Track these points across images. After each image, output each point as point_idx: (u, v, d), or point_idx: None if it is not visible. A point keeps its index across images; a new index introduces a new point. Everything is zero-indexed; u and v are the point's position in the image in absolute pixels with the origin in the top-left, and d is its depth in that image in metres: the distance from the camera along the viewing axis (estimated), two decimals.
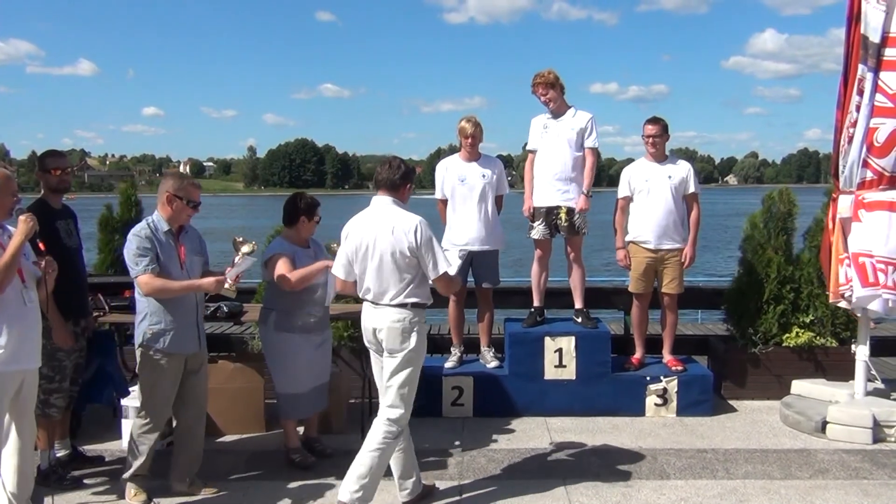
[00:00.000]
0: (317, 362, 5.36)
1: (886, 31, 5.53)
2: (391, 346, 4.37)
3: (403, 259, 4.30)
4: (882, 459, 5.35)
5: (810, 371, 6.65)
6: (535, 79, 6.36)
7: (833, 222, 5.89)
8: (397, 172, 4.46)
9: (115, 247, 7.06)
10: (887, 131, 5.55)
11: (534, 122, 6.56)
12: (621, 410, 6.26)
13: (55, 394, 4.87)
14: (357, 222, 4.52)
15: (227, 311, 5.82)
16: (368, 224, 4.43)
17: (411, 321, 4.37)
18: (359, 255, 4.43)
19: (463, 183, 6.26)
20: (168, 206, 4.62)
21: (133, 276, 4.53)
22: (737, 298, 6.88)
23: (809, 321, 6.73)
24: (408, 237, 4.28)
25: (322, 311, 5.32)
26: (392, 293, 4.35)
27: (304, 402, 5.32)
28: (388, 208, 4.43)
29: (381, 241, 4.33)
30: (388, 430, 4.39)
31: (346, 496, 4.32)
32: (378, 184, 4.50)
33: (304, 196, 5.39)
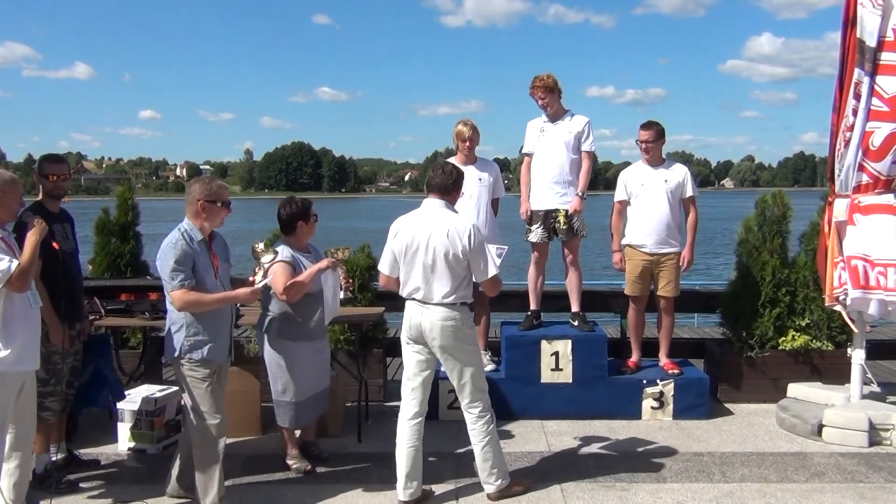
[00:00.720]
0: (318, 367, 5.34)
1: (882, 36, 5.55)
2: (445, 344, 4.56)
3: (456, 261, 4.47)
4: (878, 463, 5.35)
5: (806, 374, 6.66)
6: (535, 82, 6.36)
7: (829, 226, 5.91)
8: (450, 178, 4.63)
9: (111, 250, 7.05)
10: (883, 135, 5.56)
11: (530, 125, 6.57)
12: (618, 414, 6.26)
13: (50, 397, 4.86)
14: (407, 222, 4.65)
15: None
16: (420, 224, 4.57)
17: (461, 319, 4.57)
18: (408, 254, 4.56)
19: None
20: (203, 212, 4.52)
21: (168, 290, 4.38)
22: (733, 302, 6.89)
23: (805, 324, 6.73)
24: (462, 240, 4.44)
25: (322, 315, 5.29)
26: (443, 293, 4.51)
27: (304, 410, 5.28)
28: (440, 211, 4.59)
29: (435, 242, 4.48)
30: (483, 422, 4.66)
31: (492, 488, 4.72)
32: (431, 187, 4.66)
33: (293, 201, 5.32)
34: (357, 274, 6.76)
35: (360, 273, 6.78)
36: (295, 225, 5.24)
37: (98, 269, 7.02)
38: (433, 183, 4.64)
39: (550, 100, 6.35)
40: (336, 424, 5.98)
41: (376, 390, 6.78)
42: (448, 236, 4.46)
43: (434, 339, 4.56)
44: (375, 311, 6.45)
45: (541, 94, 6.34)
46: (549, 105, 6.37)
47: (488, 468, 4.70)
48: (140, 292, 6.12)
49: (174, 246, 4.37)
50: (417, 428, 4.69)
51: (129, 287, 6.18)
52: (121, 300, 6.02)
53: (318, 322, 5.24)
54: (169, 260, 4.33)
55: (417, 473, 4.68)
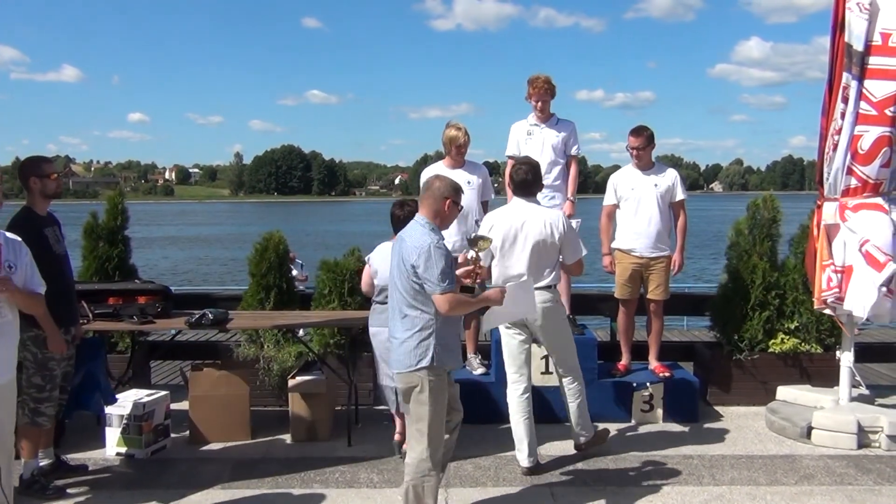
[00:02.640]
0: None
1: (870, 40, 5.57)
2: (546, 323, 5.14)
3: (552, 247, 5.07)
4: (867, 465, 5.37)
5: (795, 377, 6.68)
6: (539, 83, 6.32)
7: (818, 229, 5.93)
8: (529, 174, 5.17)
9: (99, 254, 7.01)
10: (871, 139, 5.59)
11: (515, 128, 6.56)
12: (607, 416, 6.25)
13: (46, 402, 4.84)
14: (500, 216, 5.17)
15: (213, 318, 5.78)
16: (514, 217, 5.09)
17: (555, 299, 5.21)
18: (506, 245, 5.06)
19: None
20: (446, 212, 4.24)
21: (435, 293, 4.03)
22: (722, 305, 6.90)
23: (794, 327, 6.75)
24: (556, 227, 5.05)
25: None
26: (542, 277, 5.07)
27: None
28: (529, 205, 5.16)
29: (532, 231, 5.03)
30: (576, 384, 5.37)
31: (582, 438, 5.47)
32: (515, 185, 5.21)
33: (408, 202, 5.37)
34: (347, 278, 6.74)
35: (350, 277, 6.76)
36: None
37: (86, 273, 6.98)
38: (516, 182, 5.18)
39: (547, 104, 6.37)
40: (325, 428, 5.96)
41: (366, 394, 6.76)
42: (544, 225, 5.02)
43: (536, 319, 5.07)
44: (365, 314, 6.41)
45: (543, 97, 6.33)
46: (544, 109, 6.37)
47: (582, 422, 5.42)
48: (128, 296, 6.10)
49: (438, 247, 4.07)
50: (528, 401, 5.26)
51: (118, 291, 6.15)
52: (109, 304, 5.99)
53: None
54: (439, 263, 4.02)
55: (534, 442, 5.25)
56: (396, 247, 4.24)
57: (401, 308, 4.15)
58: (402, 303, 4.14)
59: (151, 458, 5.60)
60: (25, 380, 4.74)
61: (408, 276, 4.08)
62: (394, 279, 4.22)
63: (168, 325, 6.05)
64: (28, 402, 4.79)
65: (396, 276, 4.18)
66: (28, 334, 4.69)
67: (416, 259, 4.03)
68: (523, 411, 5.24)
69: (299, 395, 5.92)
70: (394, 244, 4.35)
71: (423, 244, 4.05)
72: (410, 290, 4.09)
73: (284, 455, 5.64)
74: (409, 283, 4.08)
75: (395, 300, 4.21)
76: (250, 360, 6.53)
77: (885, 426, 5.69)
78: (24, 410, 4.79)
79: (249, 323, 6.20)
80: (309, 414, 5.91)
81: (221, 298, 7.58)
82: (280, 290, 6.86)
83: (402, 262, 4.11)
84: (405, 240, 4.16)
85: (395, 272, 4.19)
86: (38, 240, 4.70)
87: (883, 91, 5.54)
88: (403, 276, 4.11)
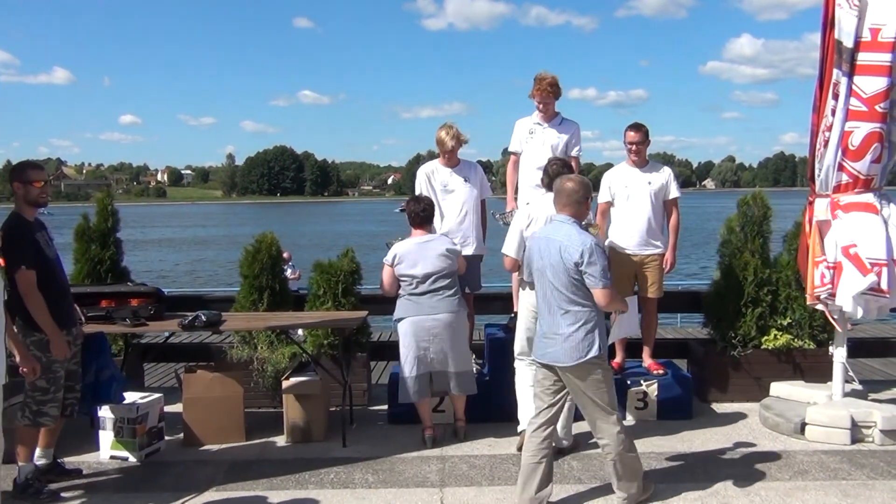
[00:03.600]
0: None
1: (859, 36, 5.57)
2: None
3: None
4: (860, 460, 5.39)
5: (789, 373, 6.70)
6: (544, 84, 6.28)
7: (810, 225, 5.94)
8: (561, 171, 5.29)
9: (91, 257, 7.00)
10: (861, 135, 5.60)
11: (519, 124, 6.55)
12: None
13: (49, 404, 4.84)
14: (536, 212, 5.36)
15: (206, 319, 5.77)
16: (549, 213, 5.06)
17: None
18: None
19: (445, 188, 6.27)
20: (585, 210, 4.69)
21: (598, 287, 4.38)
22: (715, 302, 6.92)
23: (787, 323, 6.77)
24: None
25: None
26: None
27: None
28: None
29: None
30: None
31: (563, 443, 5.46)
32: (550, 181, 5.23)
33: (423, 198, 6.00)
34: (341, 279, 6.73)
35: (344, 277, 6.75)
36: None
37: (78, 276, 6.96)
38: (552, 176, 5.25)
39: (551, 104, 6.36)
40: (320, 429, 5.95)
41: (360, 394, 6.77)
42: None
43: None
44: (359, 314, 6.44)
45: (544, 98, 6.32)
46: (548, 108, 6.37)
47: (568, 426, 5.49)
48: (121, 299, 6.07)
49: (598, 245, 4.48)
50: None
51: (110, 293, 6.13)
52: (101, 307, 5.97)
53: None
54: (601, 260, 4.40)
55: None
56: (543, 246, 4.56)
57: (560, 305, 4.48)
58: (560, 300, 4.47)
59: (146, 460, 5.59)
60: (30, 383, 4.73)
61: (569, 274, 4.41)
62: (547, 278, 4.52)
63: (161, 327, 6.04)
64: (31, 404, 4.80)
65: (551, 276, 4.49)
66: (31, 338, 4.70)
67: (580, 257, 4.37)
68: (530, 378, 5.28)
69: (293, 396, 5.91)
70: (538, 243, 4.63)
71: (586, 243, 4.40)
72: (571, 287, 4.43)
73: (279, 456, 5.64)
74: (569, 279, 4.42)
75: (551, 298, 4.51)
76: (244, 361, 6.53)
77: (879, 421, 5.71)
78: (26, 412, 4.80)
79: (243, 324, 6.19)
80: (303, 415, 5.91)
81: (214, 300, 7.57)
82: (273, 292, 6.85)
83: (561, 261, 4.43)
84: (558, 240, 4.48)
85: (550, 271, 4.49)
86: (31, 245, 4.71)
87: (873, 87, 5.55)
88: (563, 274, 4.43)
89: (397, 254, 5.75)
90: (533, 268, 4.67)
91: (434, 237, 5.83)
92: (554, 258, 4.46)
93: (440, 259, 5.71)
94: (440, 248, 5.74)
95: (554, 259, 4.46)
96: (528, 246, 4.81)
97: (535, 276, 4.65)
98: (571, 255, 4.38)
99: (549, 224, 4.80)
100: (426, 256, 5.70)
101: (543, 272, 4.54)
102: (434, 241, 5.78)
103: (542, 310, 4.61)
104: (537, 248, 4.61)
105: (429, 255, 5.70)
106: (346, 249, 7.14)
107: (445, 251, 5.74)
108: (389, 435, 6.05)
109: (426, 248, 5.73)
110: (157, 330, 6.17)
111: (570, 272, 4.40)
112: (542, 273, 4.56)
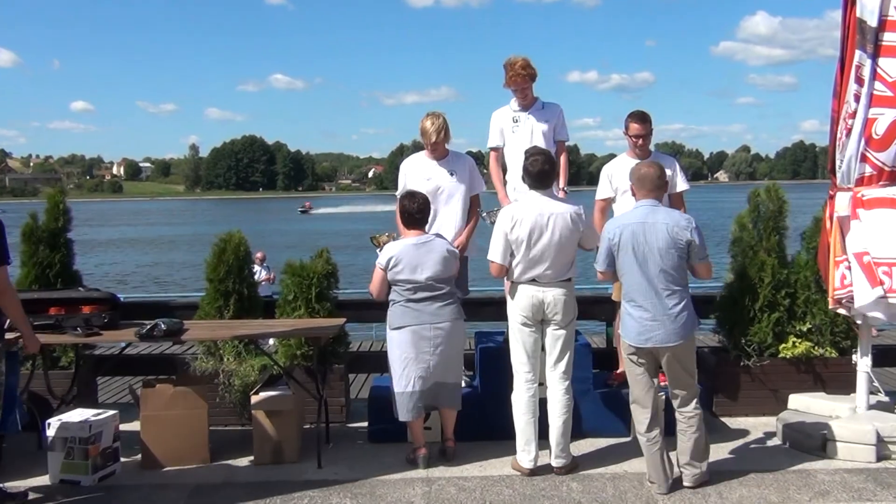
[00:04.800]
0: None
1: (884, 15, 5.58)
2: (565, 318, 5.56)
3: (576, 239, 5.51)
4: (887, 479, 5.42)
5: (809, 384, 6.73)
6: (516, 69, 6.27)
7: (830, 221, 5.95)
8: (545, 165, 5.49)
9: (39, 259, 6.96)
10: (886, 122, 5.60)
11: (497, 115, 6.53)
12: (604, 431, 6.29)
13: None
14: (523, 211, 5.46)
15: (166, 328, 5.75)
16: (538, 212, 5.43)
17: (573, 293, 5.64)
18: (531, 241, 5.41)
19: (429, 182, 6.23)
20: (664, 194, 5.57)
21: (705, 261, 5.26)
22: (728, 306, 6.95)
23: (807, 329, 6.80)
24: (582, 219, 5.51)
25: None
26: (567, 271, 5.55)
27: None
28: (550, 199, 5.52)
29: (560, 225, 5.42)
30: (569, 400, 5.59)
31: (560, 462, 5.59)
32: (532, 178, 5.49)
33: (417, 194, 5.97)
34: (315, 282, 6.73)
35: (318, 281, 6.75)
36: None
37: (25, 281, 6.92)
38: (532, 172, 5.46)
39: (529, 89, 6.37)
40: (292, 449, 5.95)
41: (338, 410, 6.76)
42: (571, 219, 5.43)
43: (557, 313, 5.51)
44: (335, 322, 6.42)
45: (520, 84, 6.32)
46: (526, 94, 6.38)
47: (564, 442, 5.57)
48: (72, 305, 6.04)
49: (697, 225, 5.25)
50: (536, 401, 5.60)
51: (60, 300, 6.10)
52: (50, 314, 5.94)
53: None
54: (702, 239, 5.20)
55: (538, 443, 5.59)
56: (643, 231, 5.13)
57: (667, 286, 5.11)
58: (668, 281, 5.11)
59: (99, 484, 5.57)
60: None
61: (679, 254, 5.11)
62: (653, 262, 5.10)
63: (116, 337, 6.02)
64: None
65: (659, 258, 5.09)
66: None
67: (691, 235, 5.12)
68: (532, 411, 5.57)
69: (263, 412, 5.91)
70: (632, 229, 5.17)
71: (691, 221, 5.21)
72: (679, 267, 5.15)
73: (247, 479, 5.63)
74: (678, 260, 5.12)
75: (657, 282, 5.11)
76: (208, 374, 6.51)
77: None
78: None
79: (207, 333, 6.17)
80: (274, 433, 5.90)
81: (176, 307, 7.55)
82: (241, 297, 6.84)
83: (672, 241, 5.09)
84: (663, 222, 5.13)
85: (658, 255, 5.09)
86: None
87: None
88: (674, 255, 5.11)
89: (393, 256, 5.68)
90: (627, 257, 5.16)
91: (432, 237, 5.80)
92: (662, 241, 5.08)
93: (442, 263, 5.68)
94: (441, 251, 5.71)
95: (662, 242, 5.08)
96: (614, 235, 5.23)
97: (633, 264, 5.15)
98: (682, 234, 5.10)
99: (637, 210, 5.27)
100: (427, 260, 5.65)
101: (647, 257, 5.10)
102: (434, 243, 5.74)
103: (645, 295, 5.13)
104: (632, 234, 5.13)
105: (430, 258, 5.67)
106: (321, 250, 7.13)
107: (447, 253, 5.73)
108: (370, 455, 6.05)
109: (426, 250, 5.69)
110: (111, 340, 6.15)
111: (680, 252, 5.11)
112: (644, 259, 5.10)
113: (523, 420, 5.57)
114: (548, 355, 5.60)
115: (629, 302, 5.25)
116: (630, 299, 5.23)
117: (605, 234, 5.38)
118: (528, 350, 5.59)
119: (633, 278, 5.17)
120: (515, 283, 5.58)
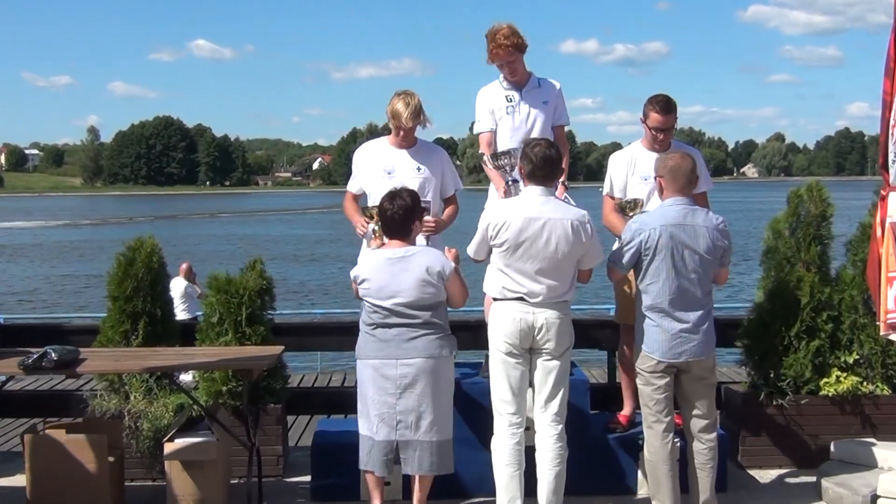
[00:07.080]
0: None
1: None
2: (558, 346, 5.52)
3: (576, 254, 5.47)
4: None
5: (856, 427, 6.80)
6: (498, 39, 6.26)
7: (882, 228, 6.00)
8: (552, 149, 5.50)
9: None
10: None
11: (485, 93, 6.51)
12: (605, 488, 6.30)
13: None
14: (514, 211, 5.45)
15: (57, 358, 5.67)
16: (533, 214, 5.39)
17: (569, 318, 5.62)
18: (518, 251, 5.39)
19: (391, 177, 6.18)
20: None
21: (727, 266, 5.70)
22: (758, 332, 6.97)
23: (853, 361, 6.85)
24: (585, 231, 5.44)
25: None
26: (563, 290, 5.52)
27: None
28: (550, 199, 5.50)
29: (557, 234, 5.37)
30: (563, 443, 5.59)
31: None
32: (533, 166, 5.43)
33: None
34: (245, 301, 6.69)
35: (250, 299, 6.72)
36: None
37: None
38: (536, 162, 5.42)
39: (518, 62, 6.37)
40: None
41: (273, 461, 6.73)
42: (572, 228, 5.38)
43: (549, 340, 5.47)
44: (271, 351, 6.38)
45: (508, 58, 6.33)
46: (516, 69, 6.38)
47: (556, 501, 5.55)
48: None
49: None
50: (521, 450, 5.55)
51: None
52: None
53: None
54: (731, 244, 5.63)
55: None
56: (682, 234, 5.39)
57: (698, 295, 5.47)
58: (700, 290, 5.48)
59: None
60: None
61: (715, 259, 5.49)
62: (691, 269, 5.41)
63: None
64: None
65: (699, 265, 5.41)
66: None
67: (726, 239, 5.52)
68: (516, 462, 5.53)
69: (180, 463, 5.89)
70: (669, 231, 5.39)
71: (724, 223, 5.53)
72: (711, 274, 5.55)
73: None
74: (712, 266, 5.51)
75: (692, 290, 5.44)
76: (112, 416, 6.46)
77: None
78: None
79: (109, 365, 6.12)
80: (193, 490, 5.89)
81: (70, 330, 7.51)
82: (152, 319, 6.79)
83: (713, 247, 5.44)
84: (703, 225, 5.45)
85: (698, 260, 5.41)
86: None
87: None
88: (712, 263, 5.48)
89: (359, 274, 5.61)
90: (663, 261, 5.38)
91: (414, 251, 5.57)
92: (703, 247, 5.41)
93: (419, 287, 5.45)
94: (419, 272, 5.45)
95: (703, 248, 5.41)
96: (650, 236, 5.39)
97: (669, 270, 5.39)
98: (721, 241, 5.48)
99: (672, 209, 5.48)
100: (401, 281, 5.48)
101: (686, 263, 5.39)
102: (412, 260, 5.51)
103: (681, 305, 5.42)
104: (671, 237, 5.37)
105: (404, 279, 5.46)
106: (253, 260, 7.07)
107: (426, 274, 5.48)
108: None
109: (401, 268, 5.49)
110: None
111: (716, 259, 5.49)
112: (683, 264, 5.39)
113: (506, 473, 5.51)
114: (536, 393, 5.58)
115: (658, 312, 5.45)
116: (659, 310, 5.45)
117: (633, 232, 5.51)
118: (513, 386, 5.54)
119: (668, 285, 5.40)
120: (498, 302, 5.57)
